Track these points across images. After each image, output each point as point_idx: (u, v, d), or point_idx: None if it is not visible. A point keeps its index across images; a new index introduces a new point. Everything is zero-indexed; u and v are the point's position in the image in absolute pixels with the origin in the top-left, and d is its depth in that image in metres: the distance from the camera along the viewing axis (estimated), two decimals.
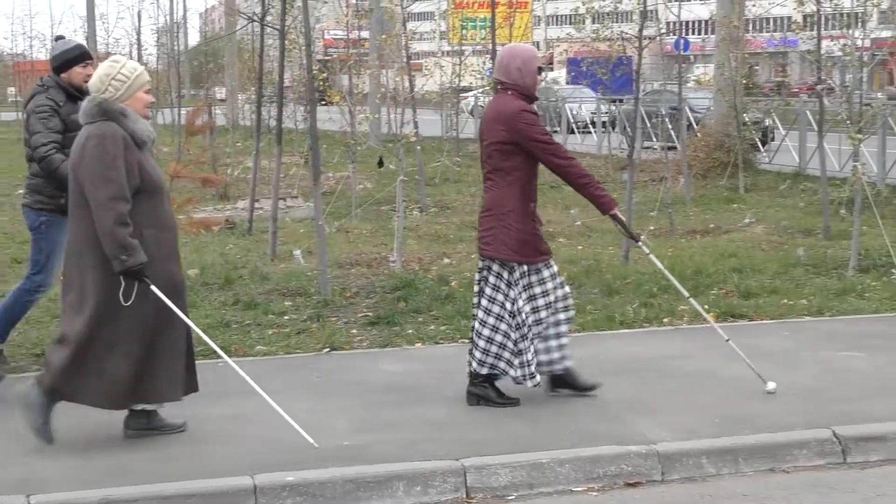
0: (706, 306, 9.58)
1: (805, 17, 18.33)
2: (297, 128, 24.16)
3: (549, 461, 6.09)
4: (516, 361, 6.98)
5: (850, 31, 13.40)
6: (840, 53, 12.42)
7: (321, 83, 16.16)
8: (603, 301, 9.97)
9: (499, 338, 6.99)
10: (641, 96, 15.33)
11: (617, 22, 17.39)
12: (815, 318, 9.41)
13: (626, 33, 14.44)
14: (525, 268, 6.95)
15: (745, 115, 20.50)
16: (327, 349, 8.57)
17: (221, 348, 6.92)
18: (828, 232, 13.43)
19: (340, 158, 22.44)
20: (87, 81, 7.48)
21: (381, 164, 21.70)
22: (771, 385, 7.22)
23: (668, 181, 15.73)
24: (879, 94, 20.96)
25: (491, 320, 7.00)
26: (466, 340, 8.77)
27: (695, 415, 6.81)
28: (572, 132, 31.25)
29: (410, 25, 19.54)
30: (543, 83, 45.70)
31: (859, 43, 15.35)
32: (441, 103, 30.24)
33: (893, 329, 8.85)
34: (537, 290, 7.01)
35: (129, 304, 6.21)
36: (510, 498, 5.95)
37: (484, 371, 7.04)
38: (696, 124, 24.07)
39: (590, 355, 8.18)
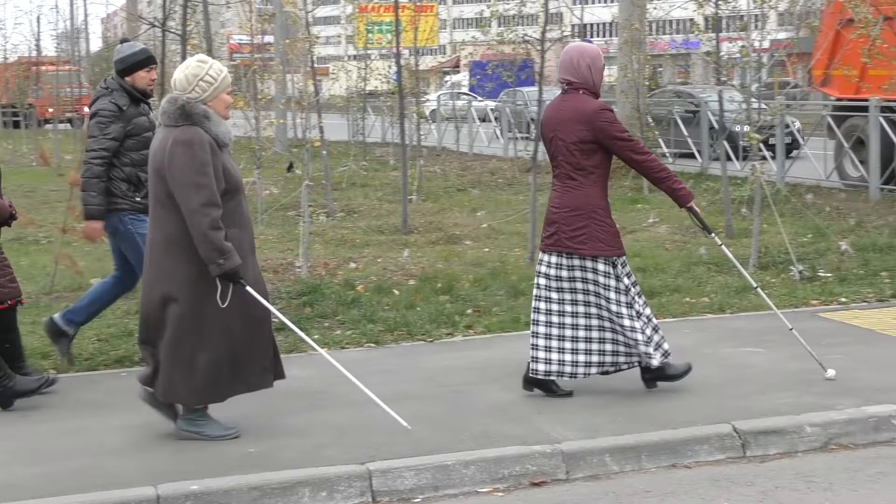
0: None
1: (706, 19, 18.61)
2: None
3: (455, 463, 6.11)
4: (646, 347, 7.12)
5: (748, 33, 13.62)
6: (738, 55, 12.59)
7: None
8: (509, 303, 10.03)
9: (628, 328, 7.09)
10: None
11: (521, 25, 17.51)
12: (716, 316, 9.56)
13: (529, 36, 14.54)
14: (623, 259, 7.17)
15: (648, 115, 20.72)
16: None
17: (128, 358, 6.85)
18: (730, 231, 13.62)
19: (246, 164, 22.29)
20: (151, 85, 8.18)
21: (290, 168, 21.60)
22: (831, 372, 7.45)
23: None
24: (778, 96, 21.32)
25: (624, 312, 7.08)
26: (373, 345, 8.81)
27: (599, 413, 6.88)
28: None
29: (315, 30, 19.47)
30: (450, 85, 45.75)
31: (757, 44, 15.66)
32: (346, 108, 30.21)
33: (794, 325, 9.00)
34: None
35: (225, 305, 6.38)
36: (416, 501, 5.96)
37: (635, 361, 7.23)
38: None
39: (496, 356, 8.24)
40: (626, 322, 7.09)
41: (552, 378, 7.22)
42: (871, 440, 6.60)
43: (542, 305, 7.22)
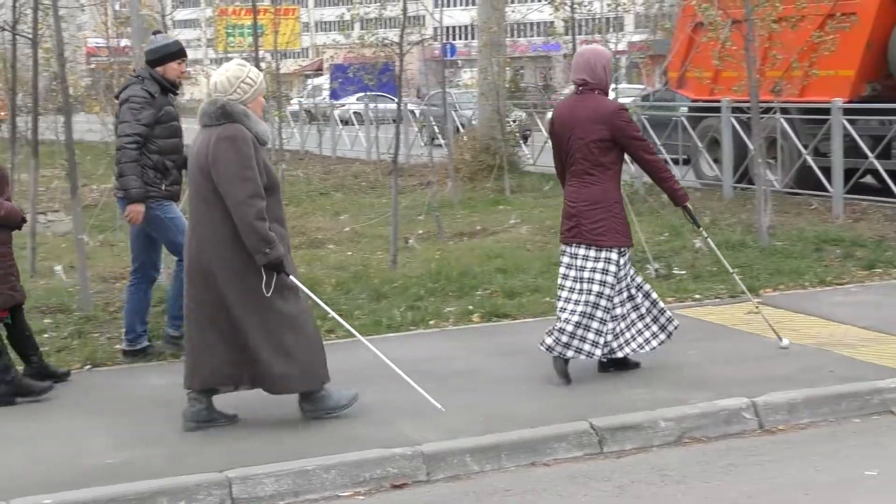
0: (470, 307, 9.79)
1: (564, 22, 18.89)
2: (57, 139, 23.44)
3: (315, 468, 6.10)
4: (651, 330, 7.69)
5: (604, 36, 13.86)
6: None
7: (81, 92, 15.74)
8: (371, 306, 10.05)
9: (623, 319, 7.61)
10: (426, 101, 15.49)
11: (383, 28, 17.56)
12: None
13: (388, 39, 14.58)
14: (630, 251, 7.71)
15: (508, 117, 20.93)
16: (88, 366, 8.37)
17: None
18: None
19: (105, 170, 21.90)
20: (180, 77, 8.50)
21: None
22: (785, 341, 8.15)
23: (435, 185, 15.94)
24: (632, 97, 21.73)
25: (638, 301, 7.64)
26: None
27: (459, 414, 6.93)
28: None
29: (174, 33, 19.21)
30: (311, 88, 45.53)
31: (613, 46, 15.95)
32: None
33: None
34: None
35: (269, 294, 6.61)
36: None
37: (655, 343, 7.71)
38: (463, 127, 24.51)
39: (357, 360, 8.22)
40: (618, 311, 7.57)
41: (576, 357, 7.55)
42: (722, 433, 6.78)
43: (564, 294, 7.60)
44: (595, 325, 7.46)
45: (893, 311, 9.13)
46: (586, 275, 7.48)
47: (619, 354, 7.65)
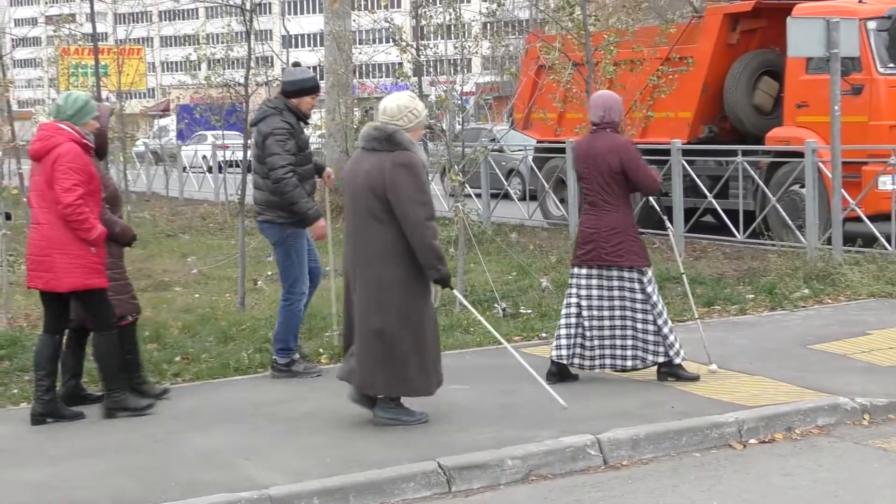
0: (320, 349, 9.75)
1: (412, 63, 19.04)
2: None
3: None
4: (663, 347, 8.34)
5: (451, 77, 14.02)
6: (440, 98, 12.92)
7: None
8: (218, 348, 9.94)
9: (653, 328, 8.34)
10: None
11: (230, 68, 17.44)
12: None
13: (233, 80, 14.51)
14: (651, 270, 8.46)
15: None
16: None
17: None
18: None
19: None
20: (311, 110, 8.99)
21: (8, 216, 20.62)
22: (713, 367, 8.68)
23: None
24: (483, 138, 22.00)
25: (650, 317, 8.32)
26: None
27: (308, 456, 6.90)
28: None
29: (14, 73, 18.82)
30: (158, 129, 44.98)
31: (460, 88, 16.12)
32: None
33: (495, 361, 9.27)
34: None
35: (436, 306, 7.71)
36: None
37: (661, 359, 8.38)
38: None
39: (203, 403, 8.16)
40: (640, 326, 8.34)
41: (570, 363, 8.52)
42: (568, 469, 6.88)
43: (573, 310, 8.46)
44: (627, 340, 8.39)
45: (731, 348, 9.40)
46: (595, 293, 8.38)
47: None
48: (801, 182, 14.65)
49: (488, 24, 18.41)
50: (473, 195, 19.66)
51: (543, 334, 10.31)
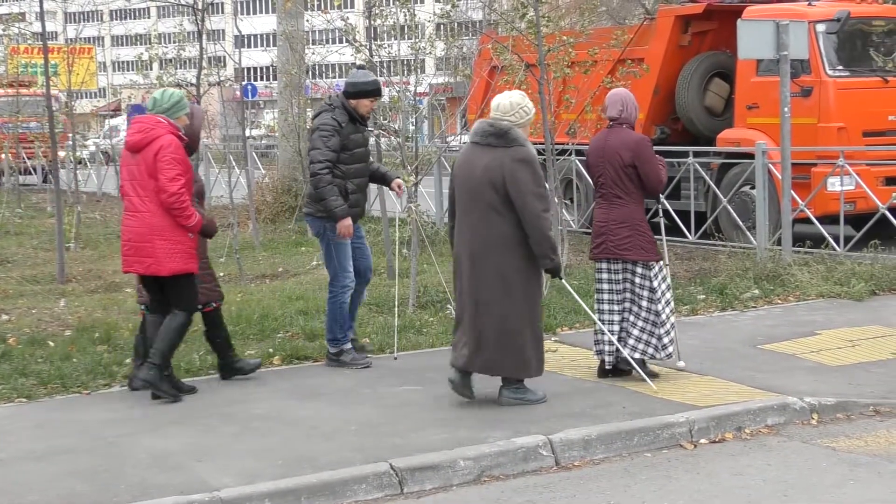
0: (271, 350, 9.72)
1: (366, 63, 19.01)
2: None
3: None
4: (666, 340, 8.45)
5: (404, 77, 14.00)
6: (392, 99, 12.91)
7: None
8: None
9: (648, 326, 8.44)
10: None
11: (183, 68, 17.33)
12: (375, 356, 9.70)
13: (186, 80, 14.43)
14: (661, 263, 8.58)
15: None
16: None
17: None
18: (391, 271, 13.91)
19: None
20: (369, 113, 9.26)
21: None
22: (681, 364, 8.82)
23: (235, 227, 15.77)
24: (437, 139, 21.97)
25: (643, 313, 8.44)
26: (24, 399, 8.47)
27: (258, 458, 6.88)
28: None
29: None
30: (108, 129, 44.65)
31: (413, 89, 16.12)
32: None
33: (447, 362, 9.29)
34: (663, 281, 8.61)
35: (540, 293, 8.06)
36: None
37: (637, 355, 8.45)
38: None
39: (154, 405, 8.10)
40: (636, 319, 8.46)
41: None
42: (520, 470, 6.90)
43: (605, 306, 8.60)
44: (635, 331, 8.46)
45: (683, 348, 9.45)
46: (606, 286, 8.56)
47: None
48: (751, 183, 14.77)
49: (442, 25, 18.43)
50: (427, 196, 19.66)
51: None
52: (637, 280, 8.48)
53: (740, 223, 14.98)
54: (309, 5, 22.75)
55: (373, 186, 10.19)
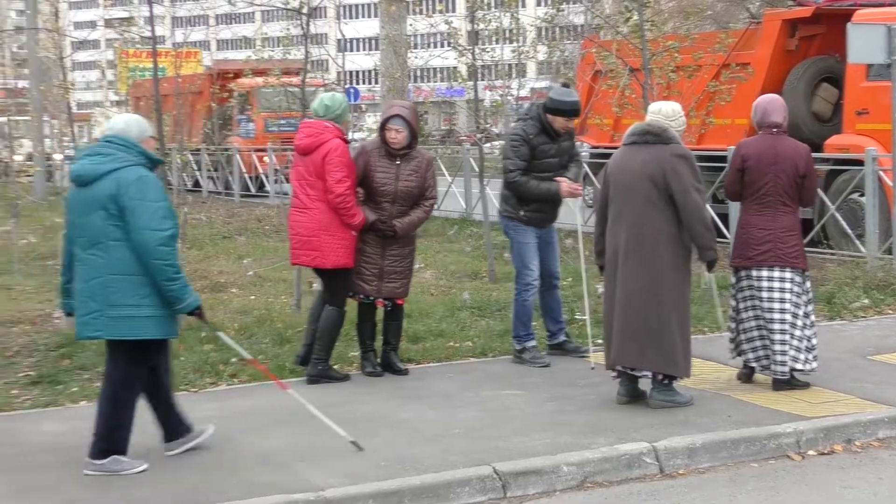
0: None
1: (468, 67, 19.07)
2: None
3: None
4: (810, 354, 8.50)
5: (507, 81, 14.01)
6: (494, 103, 12.94)
7: None
8: (274, 350, 9.97)
9: (807, 334, 8.49)
10: None
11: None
12: (479, 359, 9.72)
13: (291, 84, 14.61)
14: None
15: None
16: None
17: None
18: (492, 275, 13.92)
19: (2, 213, 21.56)
20: (563, 130, 9.41)
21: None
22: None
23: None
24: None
25: (799, 322, 8.47)
26: None
27: (363, 458, 6.92)
28: None
29: (75, 75, 19.03)
30: None
31: (516, 93, 16.13)
32: None
33: (549, 367, 9.29)
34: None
35: (689, 290, 8.18)
36: None
37: (800, 365, 8.44)
38: None
39: (260, 405, 8.20)
40: (798, 327, 8.44)
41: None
42: (624, 477, 6.85)
43: (750, 313, 8.60)
44: (793, 340, 8.41)
45: None
46: (786, 295, 8.45)
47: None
48: (860, 190, 14.50)
49: (543, 29, 18.39)
50: None
51: (599, 340, 10.24)
52: (795, 288, 8.47)
53: (849, 231, 14.71)
54: (412, 10, 22.85)
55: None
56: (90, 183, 6.63)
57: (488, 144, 15.90)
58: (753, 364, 8.63)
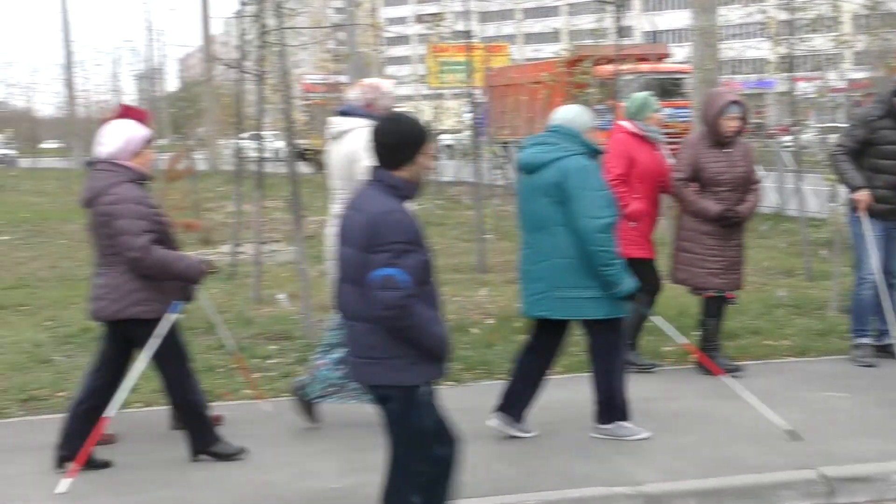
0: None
1: (780, 57, 18.54)
2: (278, 172, 24.11)
3: (536, 503, 6.09)
4: None
5: (822, 72, 13.52)
6: (813, 95, 12.50)
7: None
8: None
9: None
10: None
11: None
12: (798, 359, 9.43)
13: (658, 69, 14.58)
14: None
15: None
16: None
17: (207, 392, 6.93)
18: (809, 273, 13.49)
19: (324, 202, 22.43)
20: None
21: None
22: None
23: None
24: None
25: None
26: (453, 383, 8.77)
27: (681, 456, 6.83)
28: None
29: (389, 70, 19.64)
30: None
31: (833, 84, 15.54)
32: None
33: (875, 370, 8.90)
34: None
35: None
36: None
37: None
38: None
39: (561, 398, 8.11)
40: None
41: None
42: None
43: None
44: None
45: None
46: None
47: None
48: None
49: (863, 17, 17.68)
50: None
51: None
52: None
53: None
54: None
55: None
56: (536, 170, 6.98)
57: (803, 137, 15.36)
58: None
